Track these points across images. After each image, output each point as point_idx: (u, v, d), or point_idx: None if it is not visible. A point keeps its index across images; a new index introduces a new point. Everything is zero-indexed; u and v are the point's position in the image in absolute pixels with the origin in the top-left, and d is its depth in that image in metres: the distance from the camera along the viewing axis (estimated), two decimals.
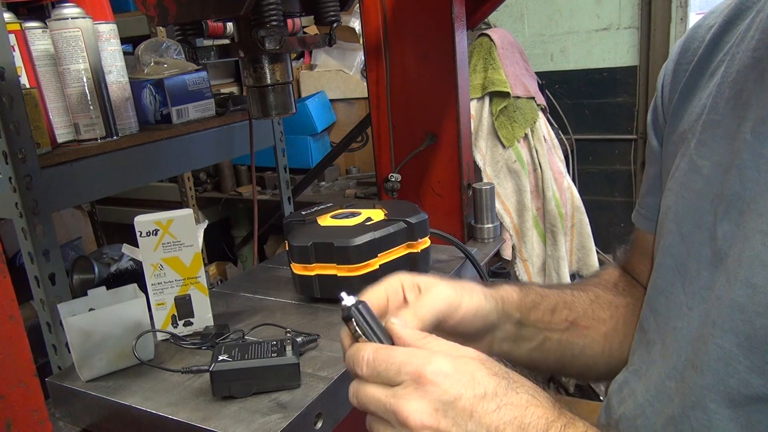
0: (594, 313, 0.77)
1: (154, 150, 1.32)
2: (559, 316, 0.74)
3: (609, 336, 0.77)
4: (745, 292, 0.52)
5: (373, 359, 0.50)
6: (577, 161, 2.85)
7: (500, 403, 0.47)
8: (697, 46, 0.68)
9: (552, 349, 0.74)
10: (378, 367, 0.49)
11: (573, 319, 0.75)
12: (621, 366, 0.78)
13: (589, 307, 0.77)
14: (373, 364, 0.50)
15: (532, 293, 0.73)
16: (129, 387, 0.84)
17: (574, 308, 0.76)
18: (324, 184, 2.60)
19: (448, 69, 1.38)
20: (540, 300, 0.73)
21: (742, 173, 0.56)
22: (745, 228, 0.54)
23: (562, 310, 0.74)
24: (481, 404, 0.46)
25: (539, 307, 0.72)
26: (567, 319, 0.74)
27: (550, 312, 0.73)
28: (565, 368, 0.77)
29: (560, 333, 0.74)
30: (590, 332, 0.76)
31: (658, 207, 0.73)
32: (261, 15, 0.88)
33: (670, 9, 2.64)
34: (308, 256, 1.02)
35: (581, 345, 0.76)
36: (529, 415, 0.47)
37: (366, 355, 0.50)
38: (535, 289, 0.75)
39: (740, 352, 0.53)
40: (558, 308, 0.74)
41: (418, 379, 0.47)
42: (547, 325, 0.73)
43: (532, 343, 0.73)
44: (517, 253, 2.04)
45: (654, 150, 0.75)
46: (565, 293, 0.77)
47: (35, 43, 1.16)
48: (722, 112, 0.61)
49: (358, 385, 0.51)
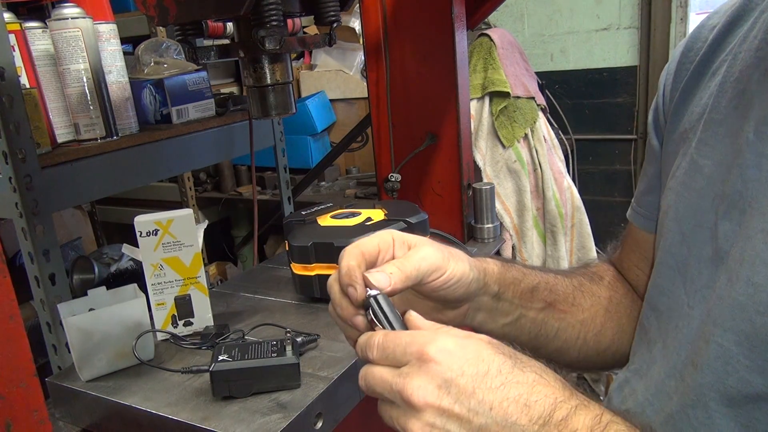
0: (574, 299, 0.77)
1: (154, 150, 1.32)
2: (538, 295, 0.74)
3: (586, 323, 0.77)
4: (746, 290, 0.52)
5: (383, 342, 0.50)
6: (577, 161, 2.85)
7: (505, 380, 0.46)
8: (700, 46, 0.68)
9: (526, 327, 0.75)
10: (386, 350, 0.50)
11: (552, 300, 0.75)
12: (595, 356, 0.78)
13: (570, 293, 0.78)
14: (382, 346, 0.50)
15: (513, 270, 0.74)
16: (129, 387, 0.84)
17: (554, 290, 0.76)
18: (324, 184, 2.60)
19: (448, 69, 1.38)
20: (521, 277, 0.73)
21: (743, 172, 0.56)
22: (747, 227, 0.54)
23: (543, 291, 0.75)
24: (485, 381, 0.46)
25: (519, 284, 0.73)
26: (545, 299, 0.75)
27: (530, 291, 0.74)
28: (539, 349, 0.77)
29: (536, 312, 0.74)
30: (567, 317, 0.76)
31: (656, 206, 0.73)
32: (261, 15, 0.88)
33: (670, 9, 2.64)
34: (308, 256, 1.02)
35: (556, 327, 0.76)
36: (535, 393, 0.46)
37: (377, 340, 0.51)
38: (518, 267, 0.75)
39: (740, 351, 0.53)
40: (539, 288, 0.75)
41: (421, 357, 0.47)
42: (524, 303, 0.73)
43: (507, 318, 0.73)
44: (517, 253, 2.04)
45: (654, 149, 0.75)
46: (548, 275, 0.78)
47: (35, 43, 1.16)
48: (724, 112, 0.61)
49: (367, 369, 0.51)
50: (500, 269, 0.71)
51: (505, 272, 0.72)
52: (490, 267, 0.70)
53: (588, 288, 0.80)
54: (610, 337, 0.79)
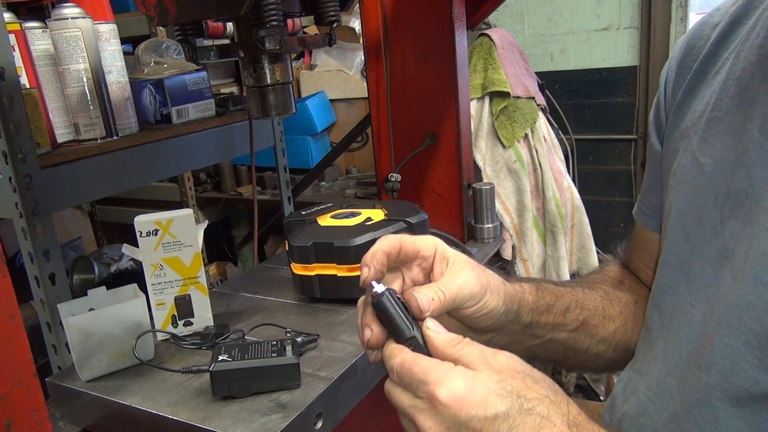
0: (604, 311, 0.77)
1: (154, 150, 1.32)
2: (571, 315, 0.74)
3: (617, 332, 0.77)
4: (755, 290, 0.52)
5: (399, 371, 0.52)
6: (577, 161, 2.85)
7: (512, 424, 0.47)
8: (703, 44, 0.68)
9: (555, 346, 0.74)
10: (403, 379, 0.51)
11: (584, 318, 0.75)
12: (621, 361, 0.78)
13: (600, 305, 0.77)
14: (399, 374, 0.52)
15: (547, 295, 0.72)
16: (129, 387, 0.84)
17: (585, 307, 0.75)
18: (324, 184, 2.60)
19: (448, 69, 1.38)
20: (554, 302, 0.72)
21: (749, 171, 0.56)
22: (753, 226, 0.54)
23: (575, 310, 0.74)
24: (493, 426, 0.47)
25: (552, 309, 0.72)
26: (578, 318, 0.74)
27: (563, 313, 0.73)
28: (565, 361, 0.77)
29: (568, 333, 0.74)
30: (599, 330, 0.76)
31: (659, 204, 0.73)
32: (261, 15, 0.88)
33: (670, 9, 2.64)
34: (308, 256, 1.02)
35: (587, 343, 0.76)
36: None
37: (394, 365, 0.52)
38: (551, 289, 0.74)
39: (747, 350, 0.52)
40: (571, 308, 0.74)
41: (432, 398, 0.48)
42: (557, 326, 0.72)
43: (536, 341, 0.72)
44: (517, 253, 2.04)
45: (655, 148, 0.75)
46: (576, 291, 0.77)
47: (35, 43, 1.16)
48: (726, 110, 0.61)
49: (391, 386, 0.53)
50: (535, 298, 0.70)
51: (539, 300, 0.71)
52: (526, 297, 0.68)
53: (614, 295, 0.79)
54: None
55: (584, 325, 0.75)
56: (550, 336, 0.73)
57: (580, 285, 0.79)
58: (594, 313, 0.76)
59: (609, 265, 0.89)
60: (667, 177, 0.70)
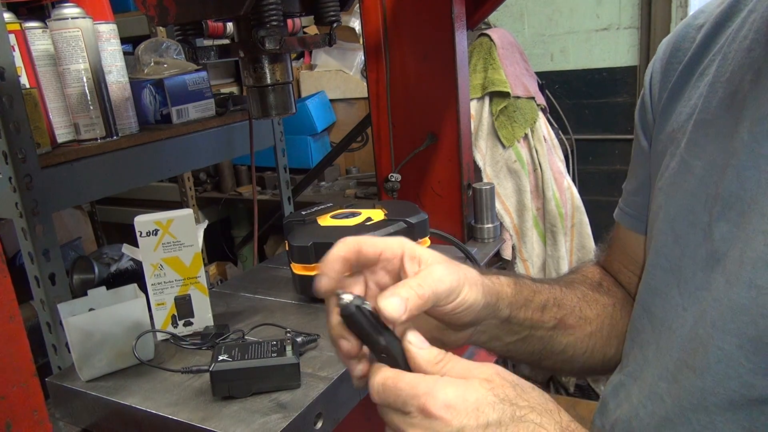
0: (581, 312, 0.76)
1: (154, 150, 1.32)
2: (548, 313, 0.73)
3: (593, 335, 0.77)
4: (749, 293, 0.52)
5: (382, 390, 0.50)
6: (577, 161, 2.84)
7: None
8: (688, 46, 0.67)
9: (533, 344, 0.73)
10: (387, 399, 0.49)
11: (561, 317, 0.74)
12: (600, 365, 0.78)
13: (577, 305, 0.76)
14: (383, 395, 0.50)
15: (525, 290, 0.71)
16: (129, 387, 0.84)
17: (562, 305, 0.75)
18: (324, 184, 2.60)
19: (448, 69, 1.38)
20: (532, 297, 0.71)
21: (740, 173, 0.55)
22: (746, 229, 0.54)
23: (552, 308, 0.73)
24: None
25: (530, 304, 0.71)
26: (555, 316, 0.73)
27: (540, 310, 0.72)
28: (542, 361, 0.76)
29: (545, 330, 0.73)
30: (576, 331, 0.75)
31: (644, 206, 0.73)
32: (261, 15, 0.88)
33: (670, 9, 2.64)
34: (308, 256, 1.02)
35: (564, 343, 0.75)
36: None
37: (375, 385, 0.50)
38: (528, 284, 0.73)
39: (742, 354, 0.52)
40: (548, 305, 0.73)
41: (423, 411, 0.47)
42: (534, 323, 0.72)
43: (514, 338, 0.71)
44: (517, 253, 2.04)
45: (643, 149, 0.74)
46: (554, 289, 0.76)
47: (35, 43, 1.16)
48: (715, 112, 0.61)
49: (380, 407, 0.51)
50: (513, 291, 0.69)
51: (518, 293, 0.69)
52: (504, 290, 0.67)
53: (591, 297, 0.79)
54: (615, 346, 0.78)
55: (561, 324, 0.74)
56: (527, 333, 0.72)
57: (557, 283, 0.78)
58: (571, 312, 0.75)
59: (587, 266, 0.88)
60: (654, 179, 0.69)
